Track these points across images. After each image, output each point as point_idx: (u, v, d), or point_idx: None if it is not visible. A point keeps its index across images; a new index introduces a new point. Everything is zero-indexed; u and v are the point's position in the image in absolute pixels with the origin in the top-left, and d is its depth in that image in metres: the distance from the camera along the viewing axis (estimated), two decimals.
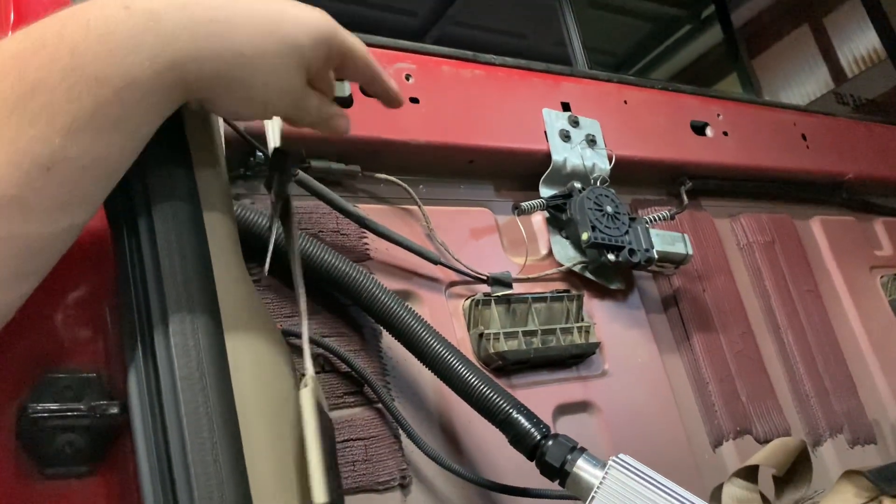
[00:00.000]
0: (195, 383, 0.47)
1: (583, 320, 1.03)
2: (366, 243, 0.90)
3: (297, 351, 0.70)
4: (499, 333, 0.94)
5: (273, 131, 0.71)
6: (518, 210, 1.03)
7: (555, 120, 1.09)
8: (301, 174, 0.84)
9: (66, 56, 0.41)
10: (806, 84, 3.88)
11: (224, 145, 0.63)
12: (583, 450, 0.73)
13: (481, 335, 0.94)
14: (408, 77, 0.96)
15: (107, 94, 0.42)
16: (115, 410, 0.50)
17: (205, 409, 0.46)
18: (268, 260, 0.65)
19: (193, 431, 0.45)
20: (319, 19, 0.52)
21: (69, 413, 0.50)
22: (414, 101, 0.96)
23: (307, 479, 0.50)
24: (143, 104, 0.44)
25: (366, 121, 0.89)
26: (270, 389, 0.53)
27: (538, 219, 1.09)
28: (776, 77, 3.86)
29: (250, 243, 0.78)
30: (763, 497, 0.97)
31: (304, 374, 0.55)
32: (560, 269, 1.05)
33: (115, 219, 0.51)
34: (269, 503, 0.47)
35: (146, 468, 0.46)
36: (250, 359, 0.52)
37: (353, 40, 0.56)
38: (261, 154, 0.82)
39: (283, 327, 0.78)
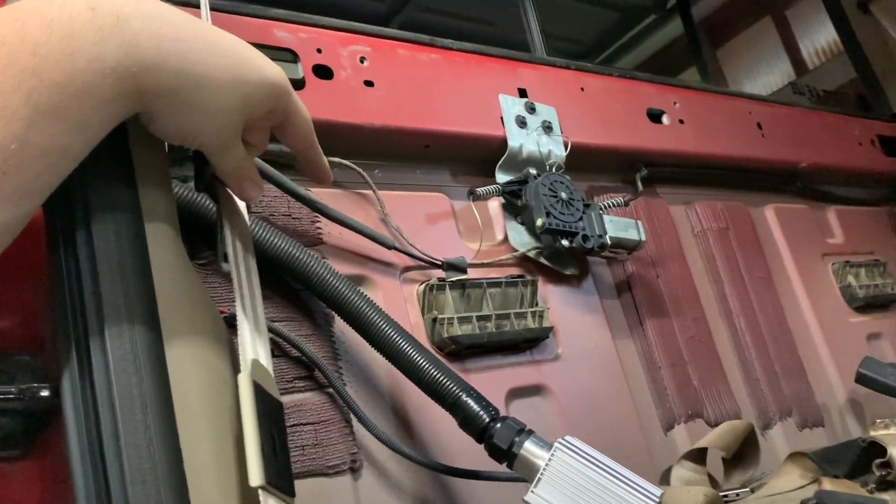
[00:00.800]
0: (129, 365, 0.46)
1: (537, 305, 1.04)
2: (318, 228, 0.89)
3: None
4: (453, 318, 0.95)
5: None
6: (473, 196, 1.03)
7: (511, 106, 1.09)
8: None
9: (28, 57, 0.40)
10: (769, 75, 3.93)
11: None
12: (530, 432, 0.74)
13: (435, 320, 0.94)
14: (362, 60, 0.96)
15: (66, 99, 0.41)
16: (46, 393, 0.49)
17: (138, 390, 0.46)
18: (219, 246, 0.65)
19: (126, 414, 0.45)
20: (277, 73, 0.53)
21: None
22: (369, 84, 0.95)
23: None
24: (102, 110, 0.44)
25: (319, 103, 0.88)
26: (209, 374, 0.52)
27: (494, 205, 1.09)
28: (740, 68, 3.91)
29: (198, 226, 0.77)
30: (711, 478, 0.99)
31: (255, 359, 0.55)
32: (515, 254, 1.05)
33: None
34: (205, 486, 0.47)
35: (77, 452, 0.45)
36: (187, 343, 0.51)
37: (301, 105, 0.58)
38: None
39: (231, 311, 0.77)
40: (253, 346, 0.56)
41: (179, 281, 0.54)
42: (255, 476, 0.47)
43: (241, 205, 0.65)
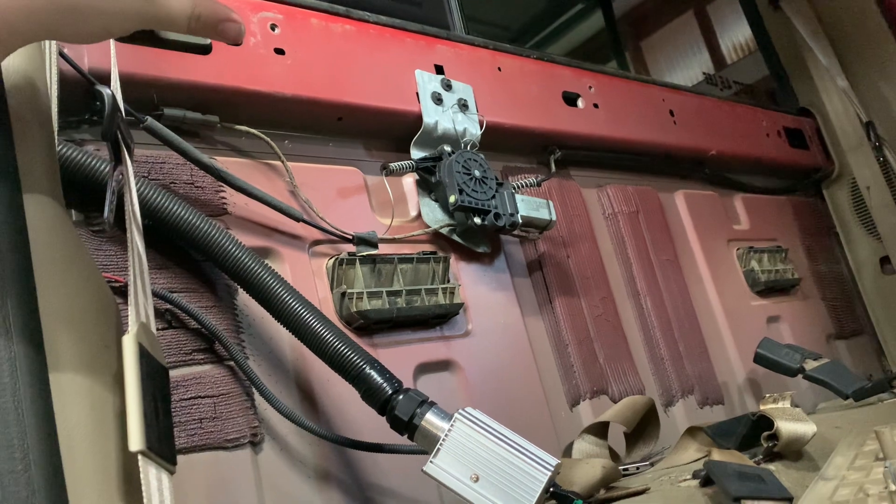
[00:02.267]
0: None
1: (448, 282, 1.04)
2: (223, 197, 0.87)
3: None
4: (362, 293, 0.94)
5: (114, 69, 0.67)
6: (386, 171, 1.02)
7: (427, 82, 1.08)
8: (151, 122, 0.81)
9: None
10: (690, 68, 4.05)
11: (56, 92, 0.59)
12: (432, 404, 0.74)
13: (344, 294, 0.93)
14: (273, 27, 0.93)
15: None
16: None
17: (7, 353, 0.44)
18: (106, 207, 0.62)
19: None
20: None
21: None
22: (279, 52, 0.93)
23: None
24: None
25: (225, 68, 0.86)
26: (87, 338, 0.51)
27: (408, 181, 1.09)
28: (662, 60, 4.01)
29: (95, 191, 0.74)
30: (613, 452, 1.02)
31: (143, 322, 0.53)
32: (427, 230, 1.05)
33: None
34: (79, 451, 0.45)
35: None
36: (65, 307, 0.49)
37: None
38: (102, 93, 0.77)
39: (126, 280, 0.75)
40: (142, 310, 0.54)
41: (57, 246, 0.52)
42: (135, 440, 0.46)
43: (131, 168, 0.62)
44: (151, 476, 0.46)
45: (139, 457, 0.46)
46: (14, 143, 0.50)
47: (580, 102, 1.31)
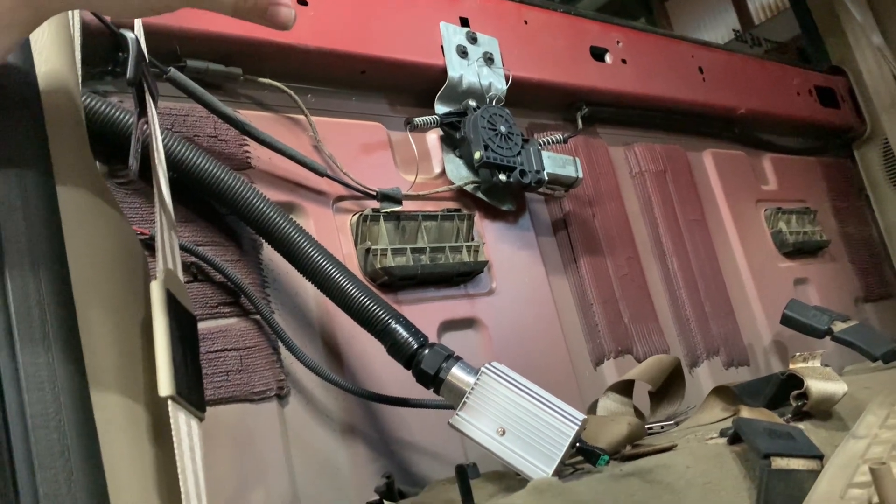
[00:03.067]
0: (26, 271, 0.43)
1: (472, 240, 1.03)
2: (247, 151, 0.86)
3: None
4: (386, 249, 0.93)
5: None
6: (411, 125, 1.01)
7: (452, 35, 1.06)
8: (175, 73, 0.79)
9: None
10: (716, 29, 3.97)
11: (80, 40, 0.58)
12: (458, 358, 0.74)
13: (368, 250, 0.92)
14: None
15: None
16: None
17: (36, 297, 0.43)
18: (132, 156, 0.62)
19: (22, 319, 0.43)
20: None
21: None
22: (302, 2, 0.91)
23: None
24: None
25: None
26: (116, 286, 0.50)
27: (432, 137, 1.07)
28: (689, 20, 3.93)
29: (118, 143, 0.74)
30: (637, 411, 1.01)
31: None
32: (452, 187, 1.04)
33: None
34: (109, 396, 0.45)
35: None
36: (91, 254, 0.48)
37: None
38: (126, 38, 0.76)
39: (152, 233, 0.75)
40: (169, 257, 0.54)
41: (83, 193, 0.52)
42: (165, 386, 0.45)
43: (156, 116, 0.61)
44: (181, 422, 0.46)
45: (169, 402, 0.46)
46: (40, 91, 0.49)
47: (608, 58, 1.28)
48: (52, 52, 0.53)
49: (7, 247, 0.44)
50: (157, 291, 0.48)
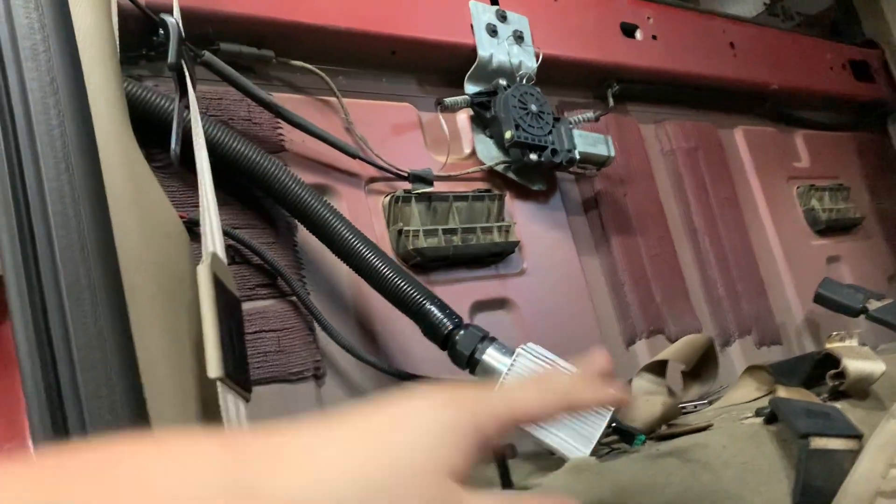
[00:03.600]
0: (76, 253, 0.44)
1: (503, 220, 1.03)
2: (280, 134, 0.87)
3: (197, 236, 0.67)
4: (418, 230, 0.93)
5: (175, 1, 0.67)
6: (441, 105, 1.01)
7: (482, 13, 1.05)
8: (209, 56, 0.80)
9: None
10: (745, 2, 3.90)
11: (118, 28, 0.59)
12: (493, 339, 0.74)
13: (401, 232, 0.93)
14: None
15: None
16: None
17: (87, 280, 0.44)
18: (173, 140, 0.63)
19: (74, 302, 0.43)
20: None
21: None
22: None
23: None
24: None
25: (280, 2, 0.84)
26: (163, 268, 0.51)
27: (462, 117, 1.07)
28: None
29: (155, 127, 0.74)
30: (670, 390, 1.01)
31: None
32: (482, 168, 1.04)
33: None
34: (159, 377, 0.46)
35: (24, 342, 0.43)
36: (138, 238, 0.49)
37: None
38: (163, 31, 0.77)
39: (190, 216, 0.75)
40: (213, 240, 0.54)
41: (131, 179, 0.52)
42: (214, 367, 0.46)
43: (195, 101, 0.62)
44: (229, 402, 0.47)
45: (217, 384, 0.47)
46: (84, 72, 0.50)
47: (638, 34, 1.27)
48: (92, 33, 0.53)
49: (57, 232, 0.45)
50: (203, 275, 0.48)
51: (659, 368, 0.99)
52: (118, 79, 0.55)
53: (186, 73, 0.58)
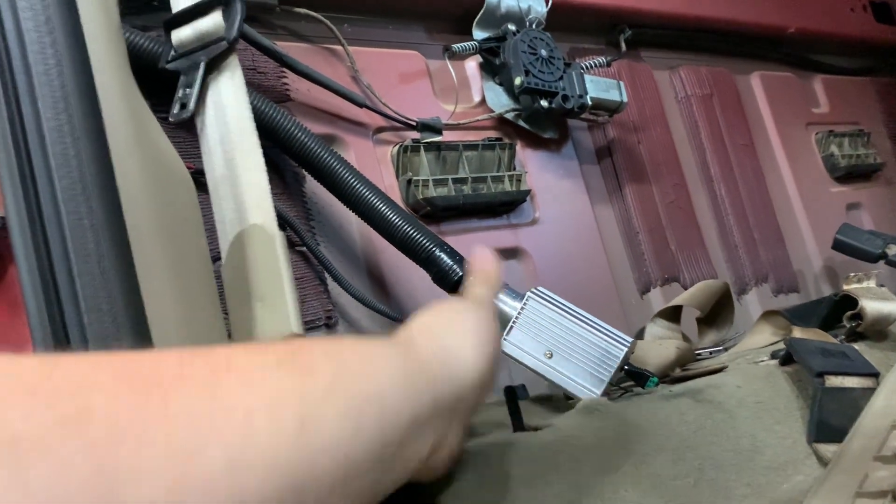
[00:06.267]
0: (78, 195, 0.44)
1: (514, 169, 1.02)
2: (285, 83, 0.86)
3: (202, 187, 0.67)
4: (428, 180, 0.93)
5: None
6: (449, 53, 0.99)
7: None
8: None
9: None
10: None
11: None
12: (504, 284, 0.74)
13: (410, 181, 0.92)
14: None
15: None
16: None
17: (89, 220, 0.44)
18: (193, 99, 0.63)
19: (77, 244, 0.43)
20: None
21: None
22: None
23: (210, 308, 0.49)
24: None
25: None
26: (166, 210, 0.51)
27: (471, 65, 1.05)
28: None
29: (160, 78, 0.73)
30: (685, 336, 1.00)
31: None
32: (492, 115, 1.02)
33: None
34: (164, 314, 0.46)
35: (29, 284, 0.44)
36: (140, 175, 0.49)
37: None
38: None
39: (197, 167, 0.75)
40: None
41: (132, 120, 0.52)
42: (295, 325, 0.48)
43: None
44: None
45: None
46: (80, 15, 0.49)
47: None
48: None
49: (58, 172, 0.45)
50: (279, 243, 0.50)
51: (673, 314, 0.99)
52: (116, 21, 0.55)
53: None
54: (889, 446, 0.53)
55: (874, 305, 0.83)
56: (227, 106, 0.61)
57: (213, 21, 0.64)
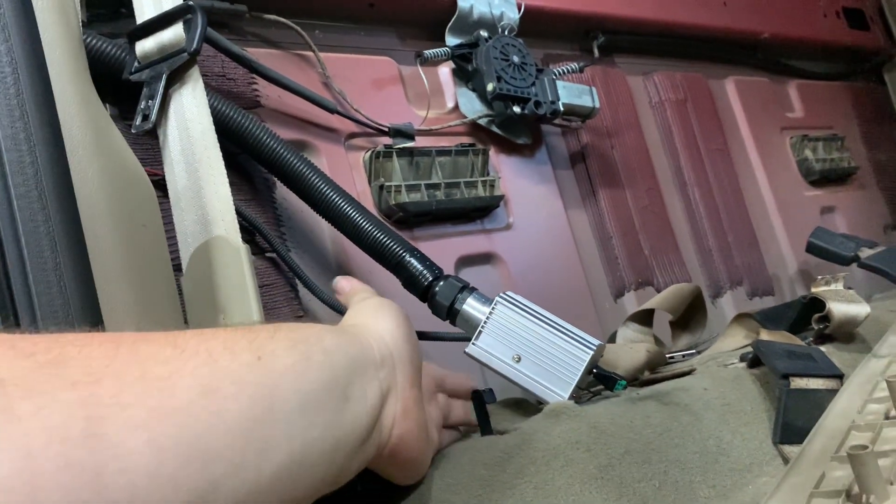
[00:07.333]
0: (34, 201, 0.44)
1: (488, 174, 1.02)
2: (255, 90, 0.86)
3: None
4: (400, 186, 0.93)
5: None
6: (421, 59, 0.99)
7: None
8: None
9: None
10: None
11: None
12: (473, 289, 0.74)
13: (382, 187, 0.92)
14: None
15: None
16: None
17: (45, 228, 0.44)
18: (154, 110, 0.63)
19: (34, 253, 0.43)
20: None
21: None
22: None
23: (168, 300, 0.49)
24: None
25: None
26: (125, 217, 0.51)
27: (444, 71, 1.06)
28: None
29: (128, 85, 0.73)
30: (657, 340, 1.01)
31: None
32: (465, 121, 1.03)
33: None
34: (122, 324, 0.46)
35: None
36: (99, 182, 0.49)
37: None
38: None
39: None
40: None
41: (90, 127, 0.52)
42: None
43: None
44: None
45: None
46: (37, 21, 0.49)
47: None
48: None
49: (13, 180, 0.44)
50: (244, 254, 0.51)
51: (645, 318, 0.99)
52: (77, 29, 0.55)
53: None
54: (847, 446, 0.53)
55: (841, 308, 0.84)
56: (189, 118, 0.62)
57: (174, 33, 0.65)
